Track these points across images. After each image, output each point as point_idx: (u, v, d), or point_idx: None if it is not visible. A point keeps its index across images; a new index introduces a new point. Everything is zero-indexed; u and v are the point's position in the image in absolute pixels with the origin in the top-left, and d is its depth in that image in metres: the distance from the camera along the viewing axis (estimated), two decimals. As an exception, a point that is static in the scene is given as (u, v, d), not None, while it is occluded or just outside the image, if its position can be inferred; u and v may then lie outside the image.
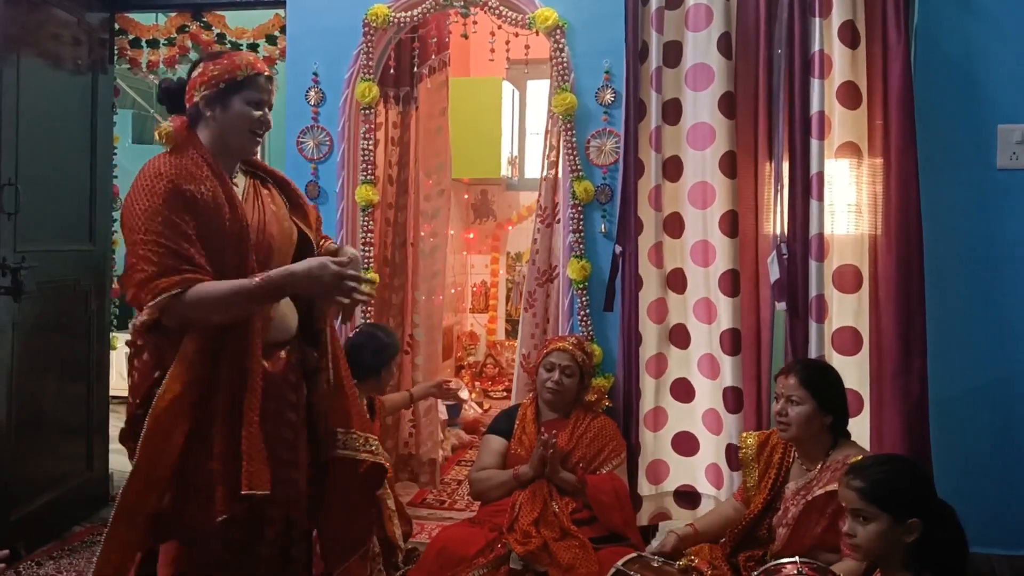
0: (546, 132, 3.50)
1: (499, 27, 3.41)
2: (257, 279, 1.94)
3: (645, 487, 3.28)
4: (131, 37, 3.91)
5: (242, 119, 2.06)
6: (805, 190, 3.01)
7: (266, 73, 2.12)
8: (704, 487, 3.26)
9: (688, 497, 3.30)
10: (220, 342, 1.98)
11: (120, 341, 4.22)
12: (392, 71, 3.73)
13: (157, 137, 2.06)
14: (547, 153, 3.54)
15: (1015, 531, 3.15)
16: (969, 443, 3.17)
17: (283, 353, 2.14)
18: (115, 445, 4.11)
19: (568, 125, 3.31)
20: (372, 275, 3.52)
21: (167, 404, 1.92)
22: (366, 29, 3.47)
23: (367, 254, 3.51)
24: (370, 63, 3.50)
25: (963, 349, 3.18)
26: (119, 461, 4.22)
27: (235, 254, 2.00)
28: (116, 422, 4.21)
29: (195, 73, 2.08)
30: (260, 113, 2.08)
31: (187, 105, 2.08)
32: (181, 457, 1.95)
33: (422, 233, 4.11)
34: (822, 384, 2.46)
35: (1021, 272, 3.15)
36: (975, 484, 3.12)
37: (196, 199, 1.96)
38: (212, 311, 1.92)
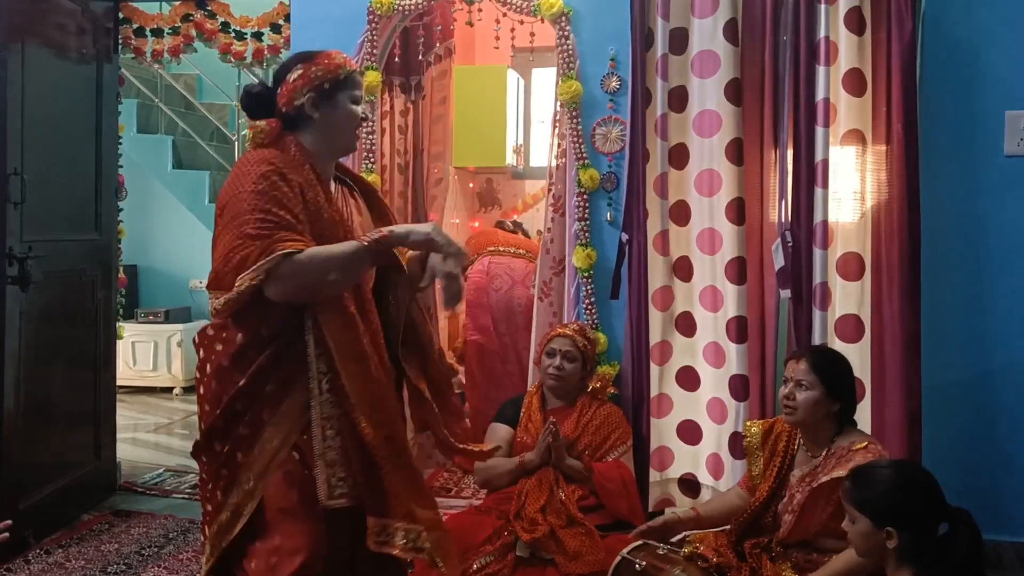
0: (555, 120, 3.48)
1: (504, 14, 3.40)
2: (368, 237, 1.91)
3: (651, 474, 3.28)
4: (135, 26, 3.91)
5: (350, 117, 2.05)
6: (809, 177, 3.00)
7: (358, 68, 2.14)
8: (704, 477, 3.26)
9: (690, 485, 3.31)
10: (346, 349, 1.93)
11: (126, 331, 4.24)
12: (397, 59, 3.73)
13: (249, 135, 2.01)
14: (557, 141, 3.51)
15: (1019, 517, 3.15)
16: (974, 429, 3.17)
17: None
18: (122, 434, 4.16)
19: (573, 113, 3.30)
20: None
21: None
22: (370, 17, 3.46)
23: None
24: (375, 51, 3.49)
25: (967, 336, 3.18)
26: (126, 450, 4.26)
27: None
28: (123, 411, 4.26)
29: (293, 76, 2.02)
30: (361, 108, 2.09)
31: (283, 109, 2.03)
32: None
33: (435, 220, 4.12)
34: (832, 370, 2.46)
35: (1029, 259, 3.15)
36: (978, 470, 3.13)
37: (303, 190, 1.93)
38: (325, 269, 1.86)
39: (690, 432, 3.29)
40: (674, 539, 2.59)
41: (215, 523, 1.93)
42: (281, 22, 3.83)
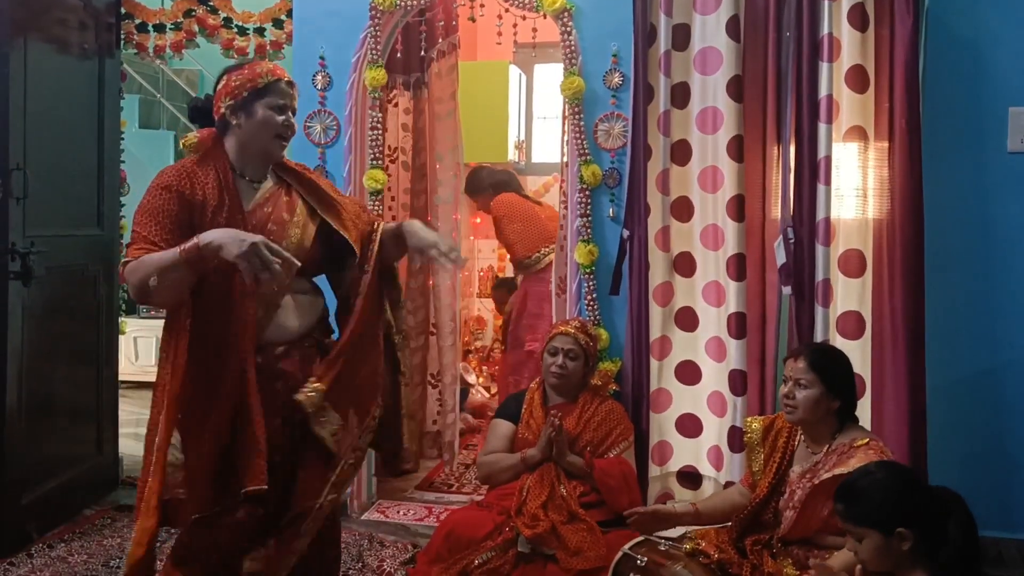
0: (564, 116, 3.47)
1: (506, 10, 3.39)
2: (181, 246, 1.97)
3: (651, 468, 3.28)
4: (138, 21, 3.90)
5: (266, 124, 2.15)
6: (812, 174, 2.99)
7: (286, 79, 2.20)
8: (705, 469, 3.27)
9: (690, 478, 3.31)
10: (209, 338, 2.06)
11: (129, 326, 4.24)
12: (399, 55, 3.72)
13: (182, 146, 2.17)
14: (566, 138, 3.50)
15: (1021, 514, 3.15)
16: (974, 426, 3.18)
17: (279, 351, 2.18)
18: (124, 429, 4.16)
19: (576, 109, 3.30)
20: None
21: (158, 392, 2.04)
22: (373, 12, 3.46)
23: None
24: (377, 47, 3.49)
25: (968, 333, 3.18)
26: (128, 445, 4.26)
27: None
28: (125, 406, 4.26)
29: (219, 86, 2.18)
30: (283, 118, 2.17)
31: (216, 118, 2.18)
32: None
33: (439, 219, 4.11)
34: (831, 368, 2.46)
35: (1031, 256, 3.15)
36: (980, 468, 3.13)
37: (186, 199, 2.06)
38: (145, 274, 1.96)
39: (690, 425, 3.29)
40: (675, 535, 2.60)
41: None
42: (283, 17, 3.82)
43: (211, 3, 3.87)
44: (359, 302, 2.23)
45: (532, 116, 6.15)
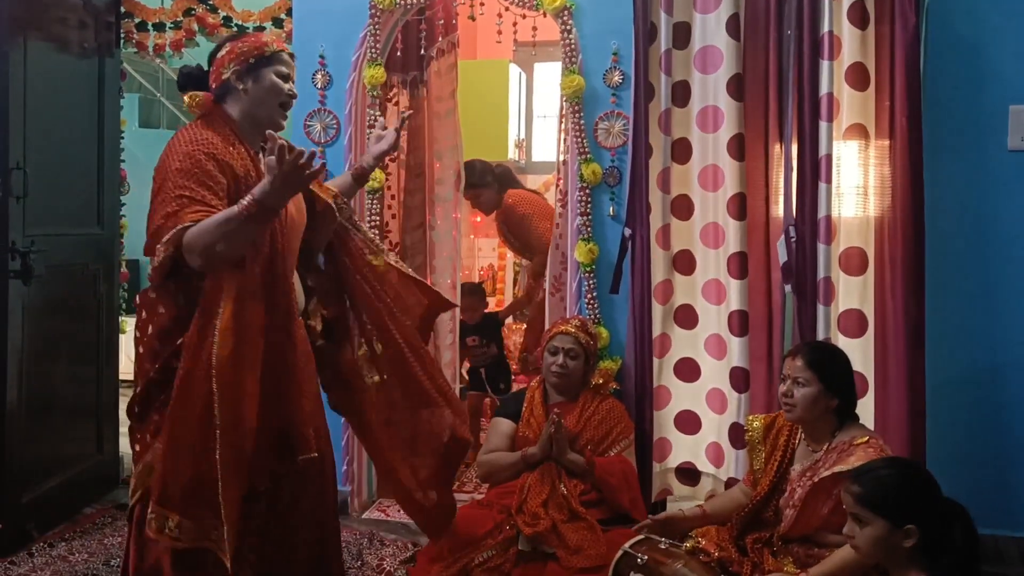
0: (561, 115, 3.47)
1: (506, 8, 3.39)
2: (244, 201, 1.95)
3: (653, 467, 3.28)
4: (137, 20, 3.90)
5: (274, 90, 2.20)
6: (813, 172, 2.99)
7: (289, 51, 2.27)
8: (704, 465, 3.28)
9: (689, 474, 3.32)
10: (263, 308, 2.08)
11: (129, 325, 4.23)
12: (399, 54, 3.72)
13: (187, 101, 2.18)
14: (563, 136, 3.50)
15: (1021, 512, 3.15)
16: (978, 424, 3.17)
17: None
18: (125, 428, 4.16)
19: (576, 107, 3.30)
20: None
21: (227, 357, 1.97)
22: (372, 11, 3.46)
23: (376, 238, 3.51)
24: (377, 45, 3.49)
25: (971, 330, 3.17)
26: (128, 444, 4.26)
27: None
28: (125, 405, 4.26)
29: (221, 53, 2.21)
30: (289, 86, 2.23)
31: (213, 85, 2.20)
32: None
33: (438, 218, 4.10)
34: (828, 366, 2.46)
35: (1031, 254, 3.14)
36: (982, 466, 3.13)
37: (233, 169, 2.08)
38: (212, 237, 1.94)
39: (689, 422, 3.30)
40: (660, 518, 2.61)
41: (141, 462, 2.14)
42: (283, 16, 3.81)
43: (211, 2, 3.86)
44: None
45: (532, 115, 6.15)
